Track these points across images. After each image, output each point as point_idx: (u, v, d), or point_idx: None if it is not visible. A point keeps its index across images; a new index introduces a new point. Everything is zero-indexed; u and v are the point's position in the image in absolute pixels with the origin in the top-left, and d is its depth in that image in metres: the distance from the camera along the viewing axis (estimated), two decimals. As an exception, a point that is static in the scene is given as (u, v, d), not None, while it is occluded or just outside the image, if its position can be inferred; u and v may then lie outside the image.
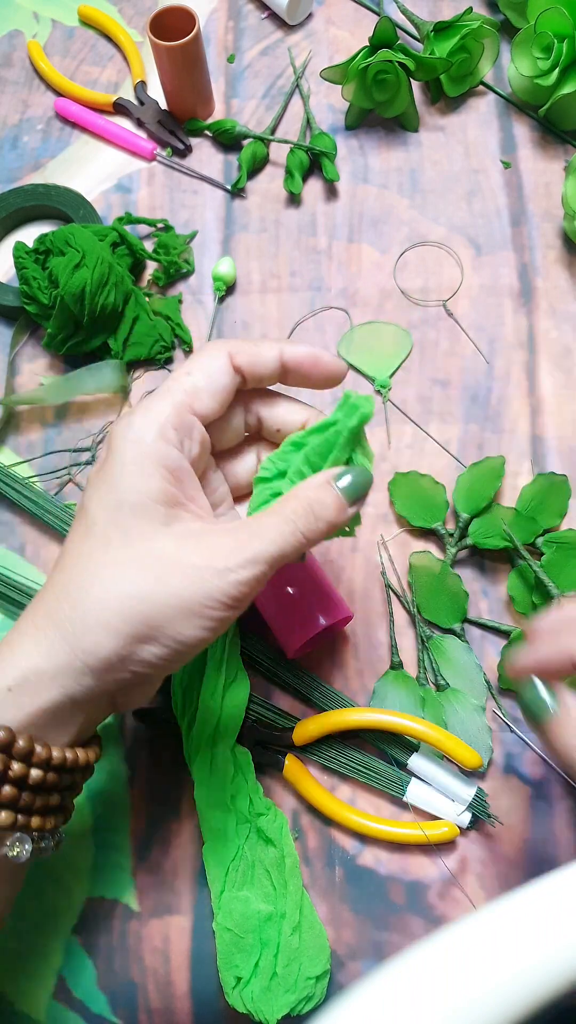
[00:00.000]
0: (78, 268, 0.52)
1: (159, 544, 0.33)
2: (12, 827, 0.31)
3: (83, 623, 0.32)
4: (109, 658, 0.32)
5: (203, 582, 0.32)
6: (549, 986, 0.25)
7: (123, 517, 0.33)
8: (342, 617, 0.46)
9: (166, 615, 0.32)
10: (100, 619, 0.32)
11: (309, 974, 0.41)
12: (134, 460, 0.34)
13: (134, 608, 0.32)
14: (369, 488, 0.36)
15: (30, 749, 0.31)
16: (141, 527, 0.33)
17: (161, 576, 0.33)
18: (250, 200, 0.62)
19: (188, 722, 0.46)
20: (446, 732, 0.45)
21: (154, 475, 0.34)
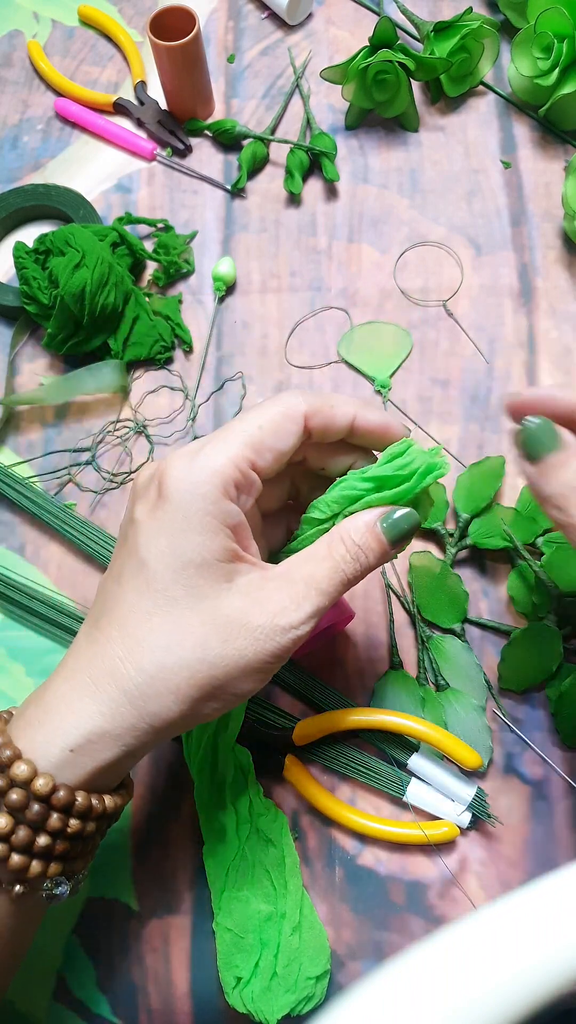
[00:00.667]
0: (78, 268, 0.52)
1: (225, 603, 0.33)
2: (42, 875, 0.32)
3: (151, 688, 0.32)
4: (175, 720, 0.33)
5: (268, 641, 0.33)
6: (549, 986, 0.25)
7: (189, 576, 0.33)
8: (342, 617, 0.46)
9: (231, 675, 0.33)
10: (169, 685, 0.32)
11: (309, 974, 0.41)
12: (198, 517, 0.32)
13: (203, 673, 0.33)
14: (415, 531, 0.35)
15: (88, 806, 0.32)
16: (207, 586, 0.33)
17: (228, 638, 0.33)
18: (250, 200, 0.62)
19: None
20: (446, 732, 0.45)
21: (219, 534, 0.33)
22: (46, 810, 0.31)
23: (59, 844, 0.32)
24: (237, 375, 0.57)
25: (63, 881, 0.33)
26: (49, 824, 0.31)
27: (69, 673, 0.33)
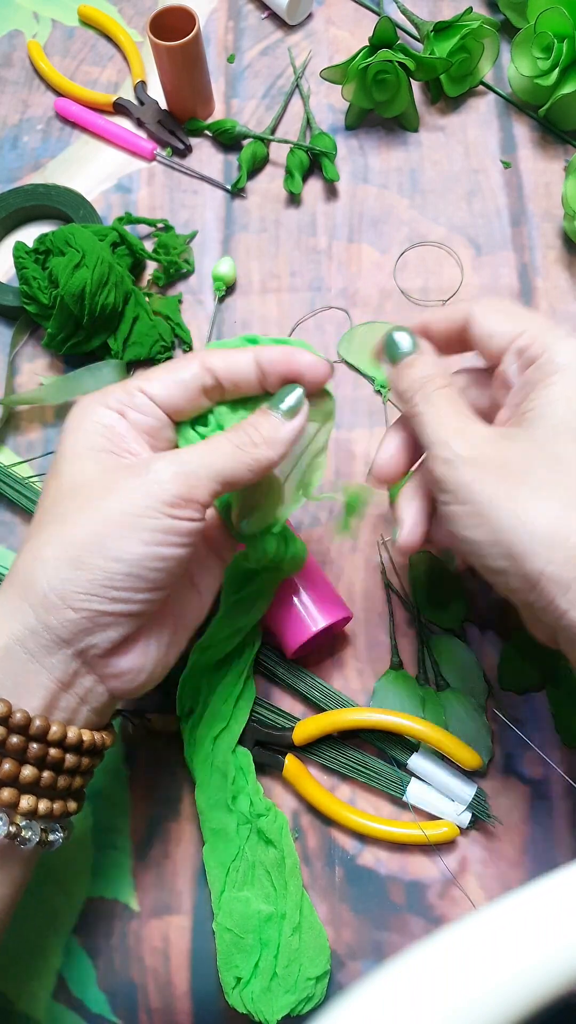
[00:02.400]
0: (78, 268, 0.52)
1: (89, 474, 0.34)
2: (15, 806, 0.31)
3: (23, 561, 0.33)
4: (44, 590, 0.32)
5: (129, 491, 0.33)
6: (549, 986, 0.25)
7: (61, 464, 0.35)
8: (342, 617, 0.46)
9: (95, 532, 0.32)
10: (36, 552, 0.33)
11: (309, 975, 0.41)
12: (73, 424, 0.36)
13: (64, 532, 0.32)
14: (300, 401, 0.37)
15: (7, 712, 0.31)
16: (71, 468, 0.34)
17: (90, 498, 0.33)
18: (250, 200, 0.62)
19: (192, 723, 0.46)
20: (446, 732, 0.45)
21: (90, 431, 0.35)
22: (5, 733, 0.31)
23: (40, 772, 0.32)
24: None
25: (55, 828, 0.33)
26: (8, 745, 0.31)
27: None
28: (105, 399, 0.36)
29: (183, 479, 0.33)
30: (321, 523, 0.52)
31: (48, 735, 0.32)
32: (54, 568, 0.32)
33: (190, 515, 0.34)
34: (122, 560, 0.32)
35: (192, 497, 0.33)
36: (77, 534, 0.32)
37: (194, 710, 0.46)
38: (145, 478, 0.33)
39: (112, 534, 0.32)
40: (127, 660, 0.35)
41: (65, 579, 0.32)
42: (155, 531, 0.33)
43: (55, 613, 0.32)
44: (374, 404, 0.55)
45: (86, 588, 0.32)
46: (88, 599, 0.32)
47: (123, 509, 0.33)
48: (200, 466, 0.34)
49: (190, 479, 0.33)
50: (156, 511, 0.33)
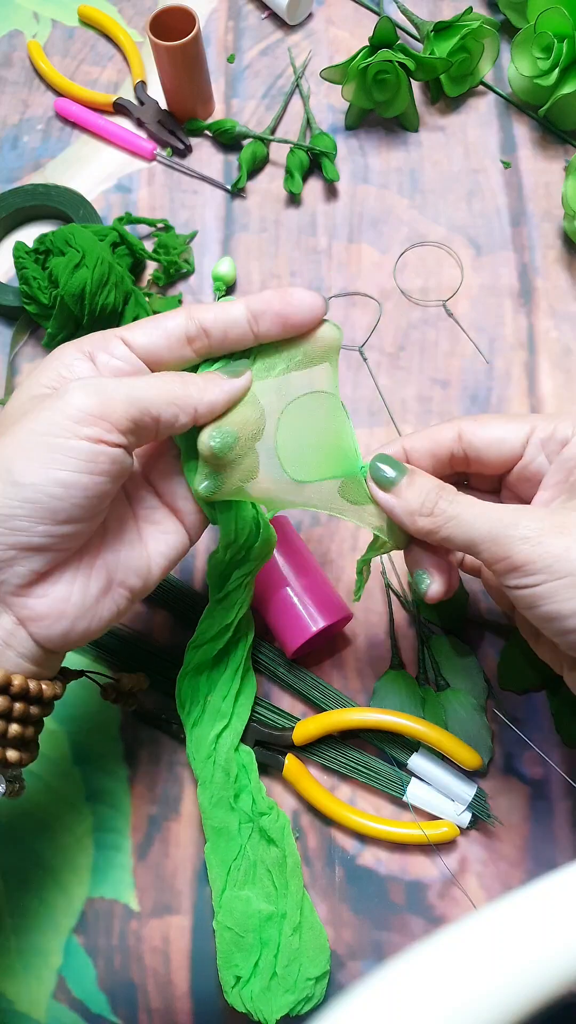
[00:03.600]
0: (78, 268, 0.52)
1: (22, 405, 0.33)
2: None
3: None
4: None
5: (43, 416, 0.31)
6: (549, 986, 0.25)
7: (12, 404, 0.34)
8: (341, 617, 0.46)
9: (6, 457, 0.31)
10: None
11: (309, 975, 0.41)
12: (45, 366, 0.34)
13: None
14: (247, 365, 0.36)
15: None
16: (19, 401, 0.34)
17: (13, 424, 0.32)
18: (250, 200, 0.62)
19: (193, 722, 0.46)
20: (446, 732, 0.45)
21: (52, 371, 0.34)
22: None
23: None
24: (237, 375, 0.57)
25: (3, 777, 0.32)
26: None
27: None
28: (80, 343, 0.35)
29: (95, 396, 0.31)
30: (321, 523, 0.52)
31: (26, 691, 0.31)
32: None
33: (100, 435, 0.31)
34: (20, 484, 0.30)
35: (104, 415, 0.31)
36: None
37: (194, 709, 0.46)
38: (57, 398, 0.32)
39: (17, 456, 0.31)
40: (44, 602, 0.33)
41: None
42: (60, 452, 0.31)
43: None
44: (374, 404, 0.55)
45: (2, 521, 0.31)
46: (8, 534, 0.31)
47: (31, 429, 0.31)
48: (118, 388, 0.32)
49: (103, 396, 0.32)
50: (62, 429, 0.31)
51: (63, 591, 0.33)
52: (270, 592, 0.46)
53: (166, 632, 0.50)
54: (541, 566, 0.32)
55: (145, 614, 0.50)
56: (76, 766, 0.48)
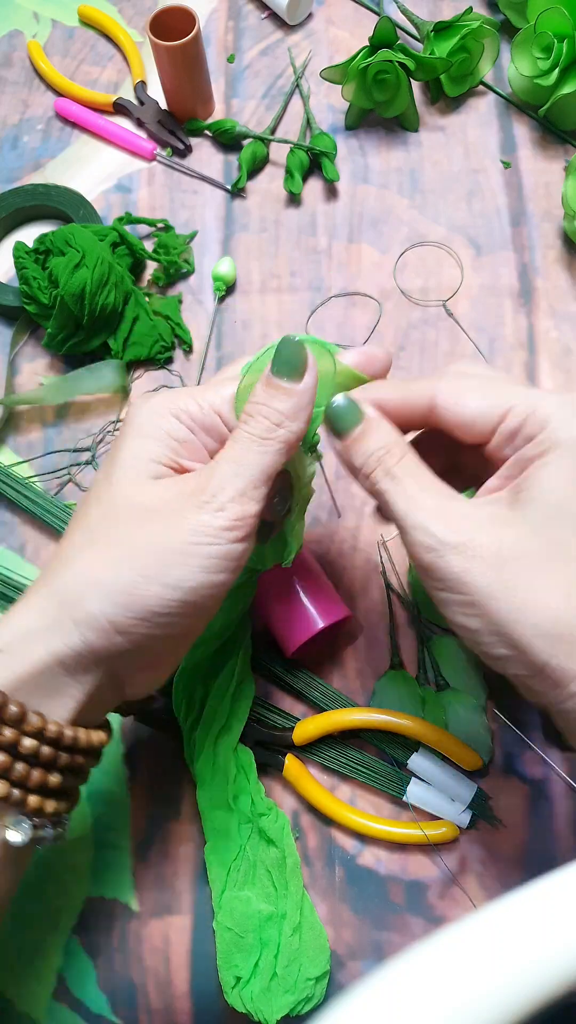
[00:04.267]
0: (78, 268, 0.52)
1: (142, 492, 0.33)
2: (7, 799, 0.30)
3: (72, 579, 0.32)
4: (96, 616, 0.31)
5: (182, 519, 0.32)
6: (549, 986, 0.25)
7: (115, 472, 0.33)
8: (341, 617, 0.46)
9: (153, 561, 0.31)
10: (87, 574, 0.32)
11: (309, 975, 0.41)
12: (139, 423, 0.34)
13: (120, 558, 0.31)
14: (299, 353, 0.34)
15: (22, 715, 0.30)
16: (129, 479, 0.33)
17: (143, 522, 0.32)
18: (250, 200, 0.62)
19: (191, 724, 0.46)
20: (446, 732, 0.45)
21: (155, 437, 0.34)
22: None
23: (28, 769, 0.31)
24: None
25: (22, 821, 0.32)
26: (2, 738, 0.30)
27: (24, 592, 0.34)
28: (174, 407, 0.34)
29: (240, 493, 0.32)
30: (321, 523, 0.52)
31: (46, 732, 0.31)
32: (108, 594, 0.31)
33: (245, 534, 0.33)
34: (180, 588, 0.31)
35: (245, 514, 0.32)
36: (136, 562, 0.31)
37: (192, 711, 0.46)
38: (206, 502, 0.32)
39: (173, 562, 0.31)
40: (152, 673, 0.35)
41: (119, 605, 0.31)
42: (214, 558, 0.32)
43: (103, 637, 0.31)
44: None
45: (139, 615, 0.31)
46: (138, 624, 0.32)
47: (183, 538, 0.32)
48: (248, 474, 0.32)
49: (246, 491, 0.32)
50: (215, 538, 0.32)
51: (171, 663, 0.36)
52: (270, 592, 0.46)
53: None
54: (439, 576, 0.31)
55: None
56: (76, 766, 0.48)
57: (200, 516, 0.32)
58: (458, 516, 0.32)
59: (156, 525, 0.32)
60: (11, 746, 0.30)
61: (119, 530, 0.32)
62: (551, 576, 0.30)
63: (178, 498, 0.32)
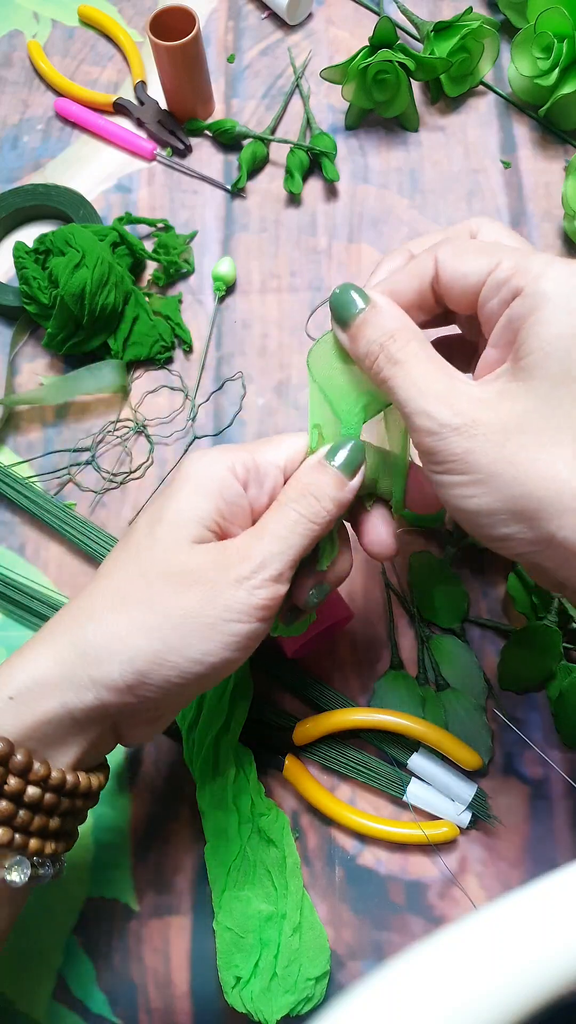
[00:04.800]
0: (78, 268, 0.52)
1: (183, 558, 0.32)
2: (9, 845, 0.31)
3: (97, 636, 0.32)
4: (115, 678, 0.31)
5: (218, 594, 0.32)
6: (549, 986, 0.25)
7: (160, 529, 0.33)
8: (341, 617, 0.46)
9: (183, 632, 0.31)
10: (115, 634, 0.32)
11: (309, 975, 0.41)
12: (194, 478, 0.33)
13: (151, 626, 0.31)
14: (362, 455, 0.35)
15: (28, 764, 0.31)
16: (172, 540, 0.33)
17: (179, 590, 0.32)
18: (250, 200, 0.62)
19: (189, 724, 0.46)
20: (446, 732, 0.45)
21: (208, 496, 0.33)
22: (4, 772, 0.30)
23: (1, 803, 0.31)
24: (237, 375, 0.57)
25: (22, 862, 0.32)
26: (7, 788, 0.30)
27: (37, 632, 0.33)
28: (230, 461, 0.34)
29: (278, 575, 0.32)
30: (321, 523, 0.52)
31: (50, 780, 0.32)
32: (131, 659, 0.31)
33: (272, 615, 0.33)
34: (203, 663, 0.32)
35: (278, 595, 0.33)
36: (166, 632, 0.31)
37: (190, 711, 0.46)
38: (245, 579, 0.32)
39: (201, 635, 0.32)
40: (151, 726, 0.35)
41: (140, 672, 0.31)
42: (240, 636, 0.32)
43: (118, 696, 0.32)
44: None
45: (158, 683, 0.32)
46: (155, 691, 0.32)
47: (218, 614, 0.32)
48: (288, 555, 0.33)
49: (283, 573, 0.33)
50: (247, 615, 0.32)
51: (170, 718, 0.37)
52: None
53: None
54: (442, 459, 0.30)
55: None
56: (76, 766, 0.48)
57: (238, 593, 0.32)
58: (463, 398, 0.31)
59: (192, 596, 0.32)
60: (16, 794, 0.31)
61: (152, 595, 0.32)
62: (557, 447, 0.29)
63: (216, 568, 0.32)
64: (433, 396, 0.30)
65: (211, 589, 0.32)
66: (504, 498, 0.29)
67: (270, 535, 0.33)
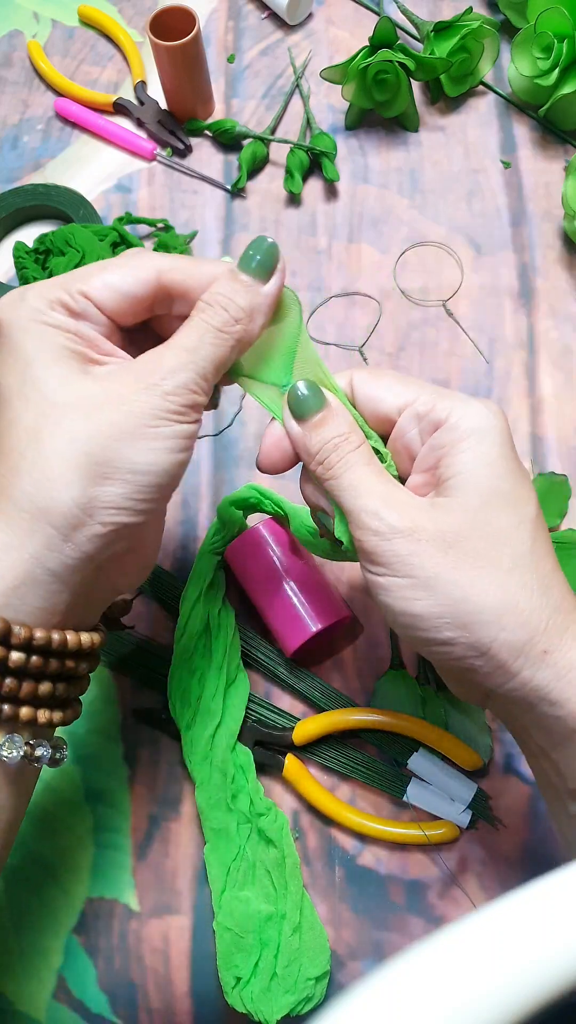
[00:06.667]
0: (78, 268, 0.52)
1: (80, 385, 0.32)
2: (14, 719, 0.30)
3: (32, 483, 0.31)
4: (71, 510, 0.31)
5: (135, 403, 0.32)
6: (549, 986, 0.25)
7: (35, 371, 0.32)
8: (341, 618, 0.46)
9: (113, 444, 0.31)
10: (46, 472, 0.31)
11: (309, 975, 0.41)
12: (28, 324, 0.33)
13: (77, 448, 0.31)
14: (275, 254, 0.34)
15: (6, 629, 0.30)
16: (57, 374, 0.32)
17: (91, 412, 0.31)
18: (250, 200, 0.62)
19: (187, 723, 0.46)
20: (446, 732, 0.45)
21: (52, 333, 0.33)
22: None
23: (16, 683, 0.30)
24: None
25: (14, 739, 0.31)
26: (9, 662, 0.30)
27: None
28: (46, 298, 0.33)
29: (191, 382, 0.32)
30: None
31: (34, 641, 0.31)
32: (79, 486, 0.31)
33: (197, 416, 0.33)
34: (150, 472, 0.32)
35: (199, 400, 0.33)
36: (95, 448, 0.31)
37: (187, 710, 0.46)
38: (155, 385, 0.32)
39: (137, 446, 0.31)
40: (136, 559, 0.35)
41: (92, 495, 0.31)
42: (173, 437, 0.32)
43: (83, 530, 0.31)
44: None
45: (116, 503, 0.31)
46: (117, 513, 0.32)
47: (141, 420, 0.31)
48: (199, 364, 0.33)
49: (196, 381, 0.33)
50: (172, 417, 0.32)
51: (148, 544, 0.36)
52: (270, 592, 0.46)
53: (164, 632, 0.50)
54: (384, 560, 0.32)
55: (144, 613, 0.50)
56: (76, 766, 0.48)
57: (152, 399, 0.32)
58: (401, 502, 0.33)
59: (110, 414, 0.31)
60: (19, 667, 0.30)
61: (66, 422, 0.31)
62: (491, 558, 0.32)
63: (123, 384, 0.32)
64: (379, 498, 0.33)
65: (126, 403, 0.32)
66: (447, 602, 0.32)
67: (178, 346, 0.33)
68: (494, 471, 0.33)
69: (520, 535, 0.33)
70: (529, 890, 0.28)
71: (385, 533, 0.32)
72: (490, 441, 0.33)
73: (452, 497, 0.33)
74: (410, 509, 0.33)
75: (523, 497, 0.33)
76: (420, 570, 0.32)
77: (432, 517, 0.32)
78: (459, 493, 0.33)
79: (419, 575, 0.32)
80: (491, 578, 0.32)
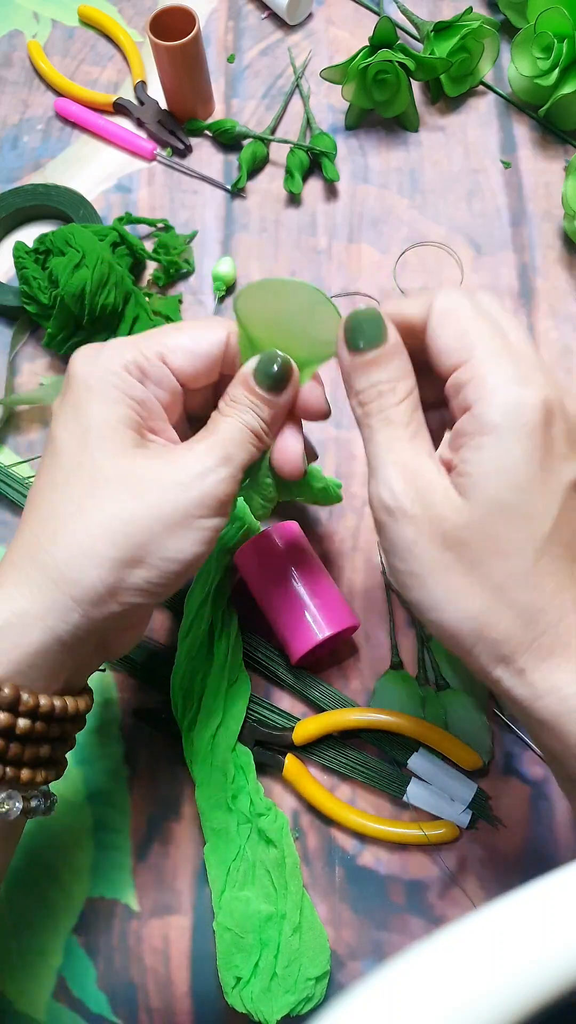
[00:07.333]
0: (78, 268, 0.52)
1: (131, 464, 0.33)
2: (1, 779, 0.31)
3: (66, 554, 0.31)
4: (96, 588, 0.31)
5: (183, 490, 0.32)
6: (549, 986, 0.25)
7: (93, 440, 0.33)
8: (347, 626, 0.46)
9: (153, 532, 0.32)
10: (83, 547, 0.31)
11: (309, 975, 0.41)
12: (98, 385, 0.33)
13: (117, 530, 0.31)
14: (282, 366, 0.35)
15: (16, 697, 0.30)
16: (111, 449, 0.33)
17: (140, 494, 0.32)
18: (250, 200, 0.62)
19: (188, 723, 0.46)
20: (446, 732, 0.45)
21: (119, 401, 0.33)
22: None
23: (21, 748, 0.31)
24: (237, 375, 0.57)
25: (14, 795, 0.32)
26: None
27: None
28: (122, 358, 0.34)
29: (226, 481, 0.33)
30: (322, 523, 0.52)
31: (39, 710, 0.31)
32: (111, 567, 0.31)
33: (227, 512, 0.34)
34: (177, 560, 0.32)
35: (231, 486, 0.34)
36: (135, 532, 0.32)
37: (189, 711, 0.46)
38: (196, 477, 0.33)
39: (174, 535, 0.32)
40: (134, 631, 0.36)
41: (121, 577, 0.32)
42: (204, 530, 0.33)
43: (102, 608, 0.32)
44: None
45: (139, 586, 0.32)
46: (137, 595, 0.32)
47: (181, 512, 0.32)
48: (235, 466, 0.34)
49: (230, 480, 0.34)
50: (208, 511, 0.33)
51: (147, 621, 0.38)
52: (278, 597, 0.46)
53: (166, 632, 0.50)
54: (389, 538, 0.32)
55: (145, 614, 0.50)
56: (76, 766, 0.48)
57: (191, 495, 0.32)
58: (423, 484, 0.31)
59: (153, 500, 0.32)
60: (6, 729, 0.30)
61: (113, 502, 0.32)
62: (484, 572, 0.30)
63: (169, 474, 0.33)
64: (402, 471, 0.31)
65: (174, 487, 0.32)
66: (432, 601, 0.31)
67: (225, 439, 0.34)
68: (509, 480, 0.30)
69: (523, 553, 0.30)
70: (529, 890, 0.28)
71: (395, 513, 0.31)
72: (513, 441, 0.29)
73: (463, 497, 0.31)
74: (426, 494, 0.31)
75: (538, 513, 0.30)
76: (416, 563, 0.31)
77: (442, 511, 0.31)
78: (469, 496, 0.30)
79: (416, 565, 0.31)
80: (478, 590, 0.30)
